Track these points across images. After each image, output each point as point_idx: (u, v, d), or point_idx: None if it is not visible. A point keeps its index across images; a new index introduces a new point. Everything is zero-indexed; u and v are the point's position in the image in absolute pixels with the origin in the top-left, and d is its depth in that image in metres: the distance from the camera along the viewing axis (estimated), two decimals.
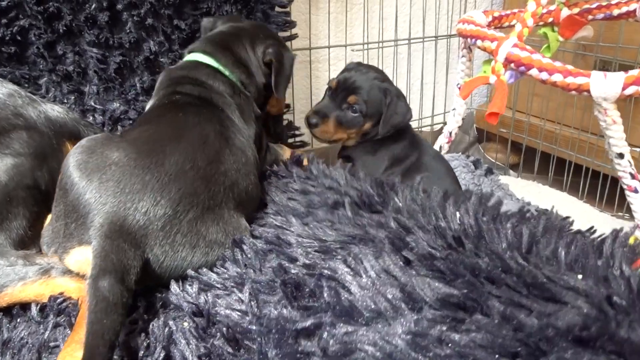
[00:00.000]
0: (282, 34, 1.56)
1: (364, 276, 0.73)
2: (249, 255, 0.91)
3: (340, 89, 1.40)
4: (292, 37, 1.65)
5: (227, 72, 1.21)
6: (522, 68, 1.33)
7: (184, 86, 1.14)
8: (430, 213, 0.83)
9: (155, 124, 1.04)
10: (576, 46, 2.01)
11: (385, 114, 1.38)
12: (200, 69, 1.19)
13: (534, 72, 1.32)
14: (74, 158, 0.92)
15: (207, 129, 1.02)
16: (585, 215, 1.88)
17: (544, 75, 1.30)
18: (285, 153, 1.40)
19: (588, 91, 1.27)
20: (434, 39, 2.24)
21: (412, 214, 0.85)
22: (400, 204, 0.90)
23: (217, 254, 0.93)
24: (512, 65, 1.35)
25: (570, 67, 1.27)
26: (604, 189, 1.92)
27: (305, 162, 1.28)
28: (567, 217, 0.85)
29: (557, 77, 1.28)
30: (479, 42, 1.45)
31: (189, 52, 1.26)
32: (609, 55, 1.90)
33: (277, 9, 1.57)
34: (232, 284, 0.86)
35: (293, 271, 0.81)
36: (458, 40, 2.29)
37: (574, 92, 1.28)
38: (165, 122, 1.04)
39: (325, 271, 0.77)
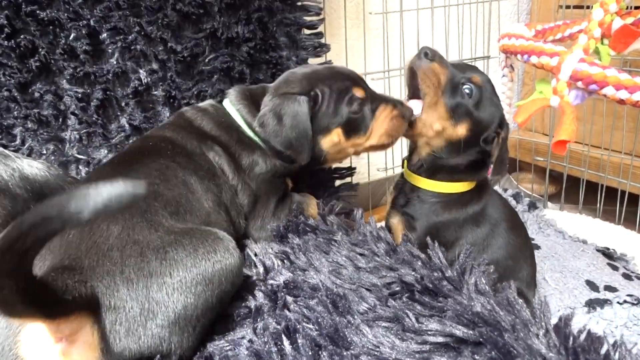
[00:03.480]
0: (315, 61, 1.33)
1: None
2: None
3: (467, 68, 1.11)
4: (327, 63, 1.42)
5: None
6: (593, 86, 1.11)
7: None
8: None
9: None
10: (617, 61, 1.79)
11: (501, 149, 1.07)
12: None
13: (609, 90, 1.09)
14: None
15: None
16: None
17: (622, 94, 1.07)
18: (311, 204, 1.18)
19: None
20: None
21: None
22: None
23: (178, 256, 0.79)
24: (580, 83, 1.13)
25: None
26: None
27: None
28: None
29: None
30: (533, 59, 1.23)
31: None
32: None
33: (306, 31, 1.35)
34: None
35: None
36: (483, 63, 2.10)
37: None
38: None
39: None
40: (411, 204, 1.12)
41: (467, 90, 1.05)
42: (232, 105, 1.14)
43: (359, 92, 1.11)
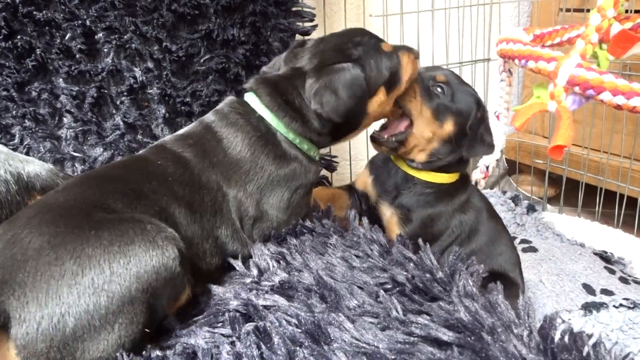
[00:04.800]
0: None
1: None
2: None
3: (429, 70, 1.18)
4: None
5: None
6: (590, 92, 1.11)
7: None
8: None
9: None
10: (616, 66, 1.79)
11: (476, 132, 1.13)
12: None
13: (605, 96, 1.09)
14: None
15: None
16: None
17: (619, 100, 1.07)
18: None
19: None
20: (458, 65, 2.03)
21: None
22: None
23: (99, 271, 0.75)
24: (577, 89, 1.13)
25: None
26: None
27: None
28: None
29: (637, 102, 1.05)
30: (531, 64, 1.23)
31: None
32: None
33: (298, 36, 1.35)
34: None
35: None
36: (484, 66, 2.10)
37: None
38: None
39: None
40: (405, 195, 1.16)
41: (439, 89, 1.13)
42: (264, 106, 1.04)
43: (386, 46, 1.10)
